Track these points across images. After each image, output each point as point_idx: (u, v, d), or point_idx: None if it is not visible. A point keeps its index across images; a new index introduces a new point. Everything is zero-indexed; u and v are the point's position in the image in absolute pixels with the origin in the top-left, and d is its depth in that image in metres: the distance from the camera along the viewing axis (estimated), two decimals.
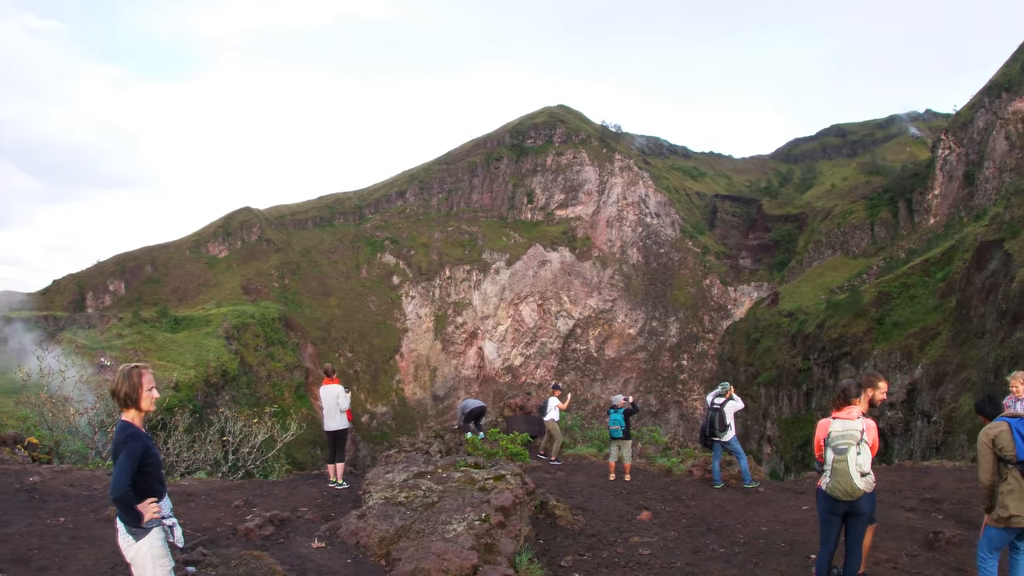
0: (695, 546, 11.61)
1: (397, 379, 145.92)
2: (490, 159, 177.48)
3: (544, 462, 19.22)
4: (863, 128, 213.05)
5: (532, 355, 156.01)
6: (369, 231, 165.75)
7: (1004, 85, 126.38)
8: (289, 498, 13.59)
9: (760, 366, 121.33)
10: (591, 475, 17.59)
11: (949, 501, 14.23)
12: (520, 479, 11.54)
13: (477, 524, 9.51)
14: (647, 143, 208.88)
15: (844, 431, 8.37)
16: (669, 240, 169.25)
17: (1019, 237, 76.80)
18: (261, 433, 19.90)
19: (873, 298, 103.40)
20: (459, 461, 12.63)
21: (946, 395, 72.85)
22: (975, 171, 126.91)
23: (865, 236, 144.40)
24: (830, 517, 8.62)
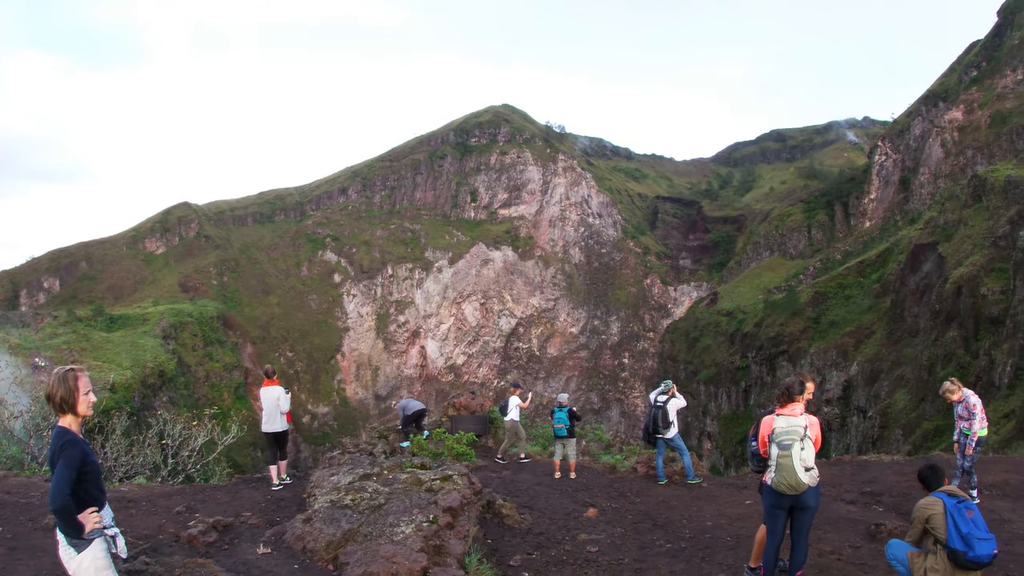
0: (642, 542, 11.69)
1: (338, 379, 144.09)
2: (434, 157, 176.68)
3: (493, 462, 19.19)
4: (802, 134, 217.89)
5: (475, 354, 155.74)
6: (310, 228, 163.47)
7: (941, 95, 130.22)
8: (232, 503, 13.35)
9: (700, 364, 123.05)
10: (536, 474, 17.61)
11: (888, 494, 14.57)
12: (467, 479, 11.47)
13: (425, 526, 9.43)
14: (590, 144, 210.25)
15: (788, 427, 8.45)
16: (611, 240, 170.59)
17: (952, 241, 79.07)
18: (201, 436, 19.49)
19: (810, 298, 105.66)
20: (405, 462, 12.52)
21: (881, 391, 74.75)
22: (911, 177, 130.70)
23: (802, 238, 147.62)
24: (776, 511, 8.74)
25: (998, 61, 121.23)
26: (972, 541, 7.24)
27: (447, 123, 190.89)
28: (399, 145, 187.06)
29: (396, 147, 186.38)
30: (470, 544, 10.00)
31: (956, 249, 76.87)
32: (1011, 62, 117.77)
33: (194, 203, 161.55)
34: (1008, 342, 60.54)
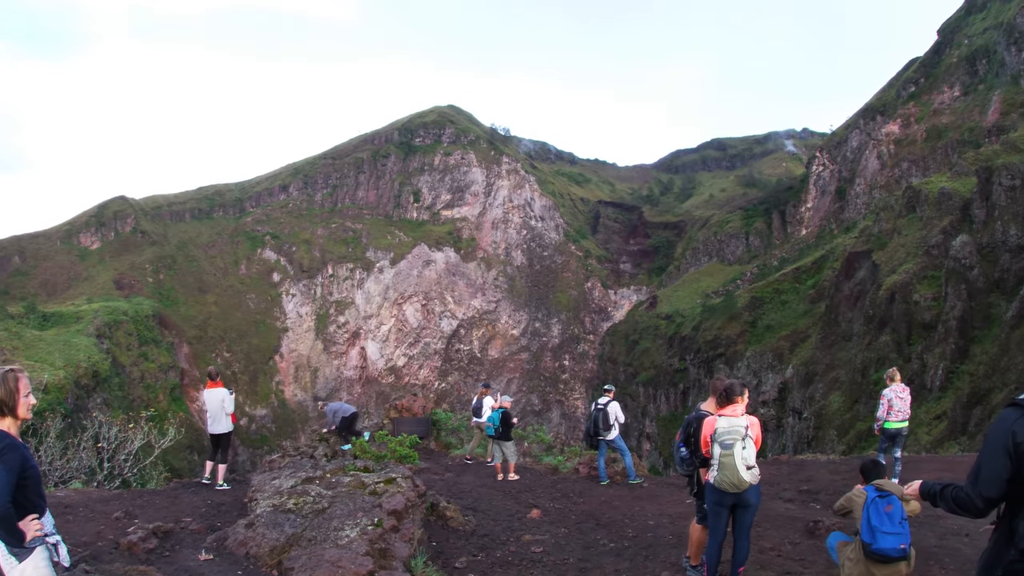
0: (586, 542, 11.78)
1: (277, 380, 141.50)
2: (377, 156, 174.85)
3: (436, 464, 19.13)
4: (742, 143, 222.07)
5: (415, 356, 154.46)
6: (249, 225, 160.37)
7: (879, 109, 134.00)
8: (171, 508, 13.10)
9: (639, 366, 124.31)
10: (480, 475, 17.63)
11: (825, 492, 14.94)
12: (411, 482, 11.41)
13: (370, 529, 9.36)
14: (535, 148, 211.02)
15: (730, 427, 8.60)
16: (553, 243, 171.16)
17: (886, 249, 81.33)
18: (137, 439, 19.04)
19: (747, 303, 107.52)
20: (348, 465, 12.40)
21: (816, 393, 76.37)
22: (846, 187, 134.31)
23: (740, 245, 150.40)
24: (718, 509, 8.88)
25: (936, 78, 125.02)
26: (877, 534, 7.44)
27: (392, 122, 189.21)
28: (343, 143, 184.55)
29: (340, 145, 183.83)
30: (415, 547, 9.95)
31: (890, 257, 79.09)
32: (948, 79, 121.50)
33: (131, 197, 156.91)
34: (940, 347, 62.44)
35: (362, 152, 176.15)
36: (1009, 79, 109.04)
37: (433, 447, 22.13)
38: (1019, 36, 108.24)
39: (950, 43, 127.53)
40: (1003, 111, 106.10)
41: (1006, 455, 3.88)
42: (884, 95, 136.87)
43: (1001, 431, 3.96)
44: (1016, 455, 3.86)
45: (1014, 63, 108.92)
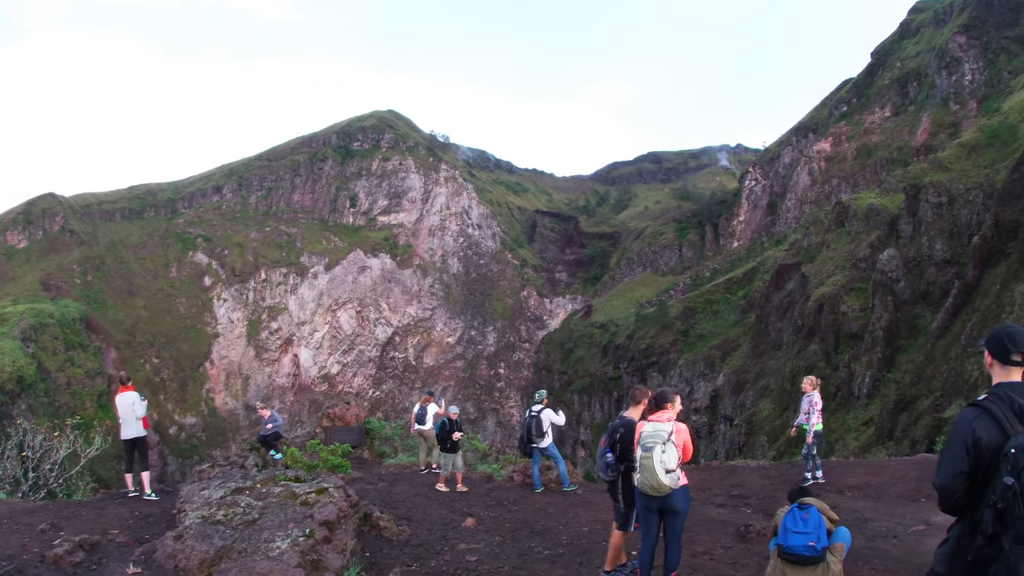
0: (520, 549, 11.77)
1: (207, 387, 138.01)
2: (314, 159, 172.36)
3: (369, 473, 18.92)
4: (678, 157, 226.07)
5: (349, 363, 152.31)
6: (181, 227, 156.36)
7: (811, 127, 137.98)
8: (98, 520, 12.69)
9: (573, 374, 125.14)
10: (414, 484, 17.48)
11: (756, 496, 15.18)
12: (343, 492, 11.26)
13: (302, 540, 9.20)
14: (474, 156, 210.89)
15: (654, 431, 8.72)
16: (489, 252, 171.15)
17: (815, 261, 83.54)
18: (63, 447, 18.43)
19: (679, 312, 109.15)
20: (279, 475, 12.19)
21: (746, 401, 77.86)
22: (778, 201, 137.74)
23: (674, 256, 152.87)
24: (647, 514, 9.03)
25: (868, 98, 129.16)
26: (788, 534, 7.71)
27: (331, 125, 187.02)
28: (279, 144, 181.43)
29: (276, 146, 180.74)
30: (348, 558, 9.82)
31: (819, 269, 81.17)
32: (880, 100, 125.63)
33: (60, 195, 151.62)
34: (866, 355, 64.30)
35: (299, 154, 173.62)
36: (939, 101, 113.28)
37: (367, 456, 21.90)
38: (950, 60, 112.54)
39: (883, 65, 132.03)
40: (932, 131, 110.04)
41: (965, 450, 4.21)
42: (817, 114, 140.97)
43: (962, 429, 4.29)
44: (975, 451, 4.19)
45: (944, 86, 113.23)
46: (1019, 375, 4.48)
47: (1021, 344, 4.44)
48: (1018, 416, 4.22)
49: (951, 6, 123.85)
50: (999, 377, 4.52)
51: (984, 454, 4.16)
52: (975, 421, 4.27)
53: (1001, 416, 4.22)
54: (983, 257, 57.70)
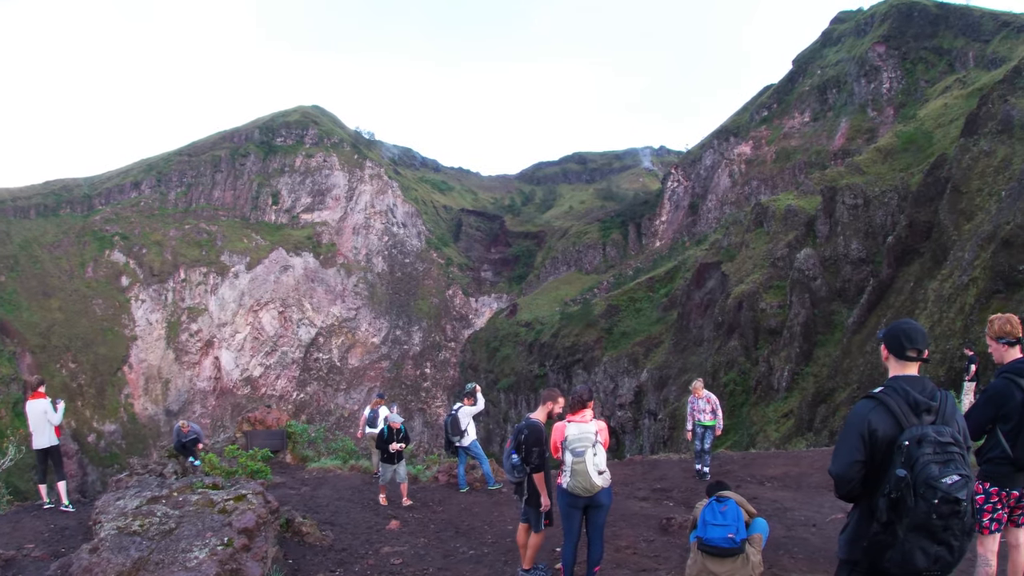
0: (445, 550, 11.73)
1: (126, 393, 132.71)
2: (236, 154, 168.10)
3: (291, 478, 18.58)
4: (603, 158, 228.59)
5: (272, 365, 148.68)
6: (98, 224, 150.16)
7: (733, 130, 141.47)
8: (13, 534, 12.24)
9: (500, 373, 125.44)
10: (337, 488, 17.24)
11: (678, 489, 15.42)
12: (262, 498, 11.02)
13: (220, 549, 8.96)
14: (399, 153, 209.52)
15: (580, 434, 8.77)
16: (414, 250, 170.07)
17: (735, 260, 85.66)
18: None
19: (603, 310, 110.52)
20: (196, 482, 11.86)
21: (669, 396, 79.29)
22: (699, 202, 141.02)
23: (597, 255, 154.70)
24: (571, 511, 9.08)
25: (788, 104, 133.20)
26: (708, 527, 7.90)
27: (253, 120, 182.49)
28: (200, 139, 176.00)
29: (197, 141, 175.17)
30: (269, 566, 9.62)
31: (738, 268, 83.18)
32: (800, 106, 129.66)
33: None
34: (785, 350, 66.15)
35: (220, 150, 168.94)
36: (857, 107, 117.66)
37: (289, 460, 21.51)
38: (869, 69, 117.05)
39: (804, 72, 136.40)
40: (849, 136, 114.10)
41: (861, 440, 4.37)
42: (738, 118, 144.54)
43: (858, 419, 4.45)
44: (870, 440, 4.36)
45: (863, 93, 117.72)
46: (915, 369, 4.64)
47: (916, 340, 4.62)
48: (913, 409, 4.38)
49: (872, 17, 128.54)
50: (895, 371, 4.67)
51: (879, 445, 4.32)
52: (871, 413, 4.42)
53: (896, 409, 4.38)
54: (897, 256, 59.88)
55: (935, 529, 4.09)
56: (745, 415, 65.75)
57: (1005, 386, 6.42)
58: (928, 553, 4.13)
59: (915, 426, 4.31)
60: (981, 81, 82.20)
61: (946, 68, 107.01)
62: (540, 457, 9.47)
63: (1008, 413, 6.37)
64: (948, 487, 4.06)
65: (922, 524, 4.09)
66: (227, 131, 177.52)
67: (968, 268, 45.80)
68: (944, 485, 4.06)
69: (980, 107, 61.00)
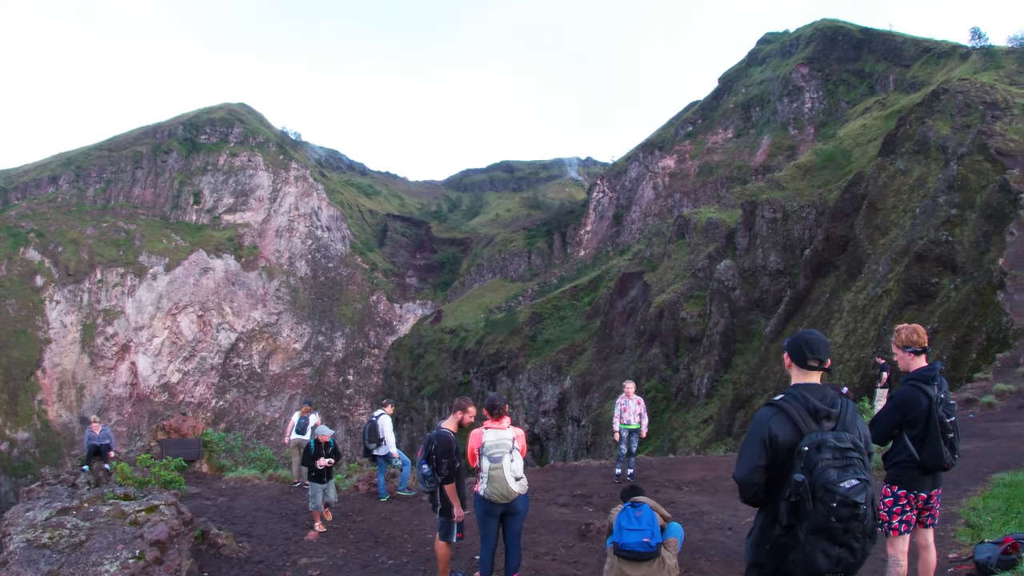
0: (364, 560, 11.65)
1: (39, 399, 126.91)
2: (158, 151, 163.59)
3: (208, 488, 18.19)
4: (530, 167, 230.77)
5: (191, 371, 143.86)
6: (13, 220, 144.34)
7: (658, 144, 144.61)
8: None
9: (424, 380, 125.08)
10: (255, 499, 16.94)
11: (597, 495, 15.56)
12: (175, 508, 10.77)
13: (131, 562, 8.76)
14: (326, 155, 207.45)
15: (498, 440, 8.82)
16: (339, 255, 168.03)
17: (657, 271, 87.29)
18: None
19: (528, 318, 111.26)
20: (107, 493, 11.54)
21: (592, 402, 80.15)
22: (623, 213, 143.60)
23: (523, 263, 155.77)
24: (488, 519, 9.10)
25: (712, 120, 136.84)
26: (623, 532, 8.06)
27: (177, 115, 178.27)
28: (122, 134, 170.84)
29: (118, 135, 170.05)
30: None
31: (660, 278, 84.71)
32: (724, 122, 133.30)
33: None
34: (704, 358, 67.69)
35: (142, 145, 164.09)
36: (779, 125, 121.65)
37: (205, 470, 21.04)
38: (792, 89, 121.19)
39: (729, 90, 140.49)
40: (770, 153, 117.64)
41: (762, 446, 4.49)
42: (664, 132, 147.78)
43: (759, 426, 4.57)
44: (771, 446, 4.47)
45: (785, 112, 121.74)
46: (817, 378, 4.80)
47: (817, 350, 4.77)
48: (812, 416, 4.51)
49: (798, 39, 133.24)
50: (797, 378, 4.82)
51: (780, 451, 4.45)
52: (771, 420, 4.54)
53: (796, 415, 4.50)
54: (814, 268, 61.83)
55: (835, 532, 4.21)
56: (666, 421, 66.89)
57: (912, 393, 6.67)
58: (830, 555, 4.25)
59: (815, 432, 4.43)
60: (900, 103, 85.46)
61: (867, 90, 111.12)
62: (451, 468, 9.41)
63: (915, 419, 6.62)
64: (847, 491, 4.18)
65: (822, 527, 4.21)
66: (150, 126, 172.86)
67: (882, 280, 47.53)
68: (843, 489, 4.18)
69: (898, 128, 63.45)
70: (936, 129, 57.01)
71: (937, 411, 6.58)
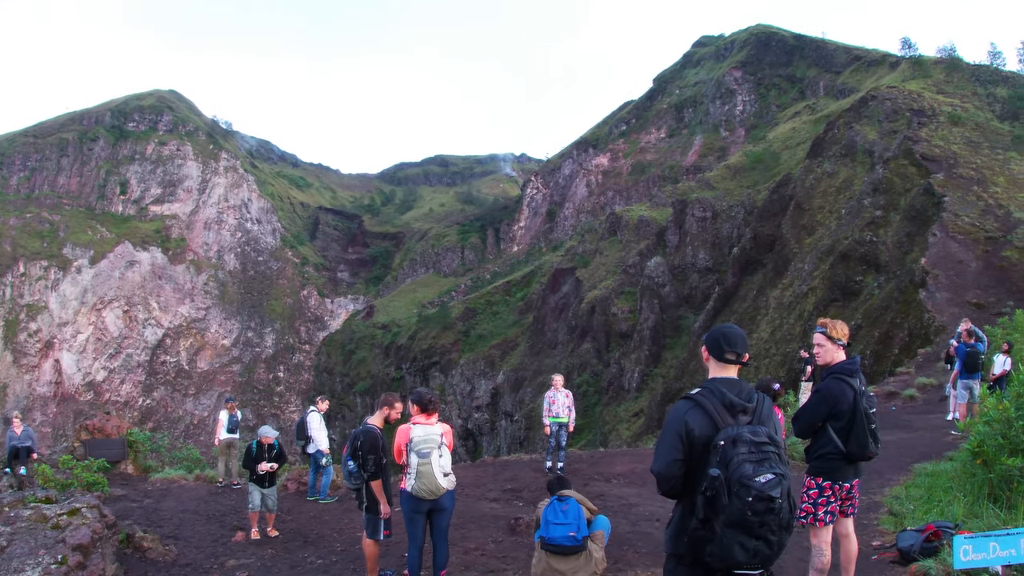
0: (293, 561, 11.59)
1: None
2: (85, 138, 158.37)
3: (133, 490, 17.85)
4: (465, 162, 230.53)
5: (117, 369, 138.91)
6: None
7: (592, 142, 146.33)
8: None
9: (356, 376, 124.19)
10: (182, 500, 16.70)
11: (528, 489, 15.68)
12: (98, 511, 10.59)
13: (54, 568, 8.63)
14: (257, 146, 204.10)
15: (426, 436, 8.84)
16: (269, 248, 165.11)
17: (589, 267, 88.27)
18: None
19: (460, 313, 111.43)
20: (28, 496, 11.31)
21: (525, 397, 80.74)
22: (557, 210, 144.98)
23: (456, 258, 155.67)
24: (415, 516, 9.08)
25: (646, 120, 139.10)
26: (550, 526, 8.11)
27: (106, 101, 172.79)
28: (47, 120, 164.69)
29: (44, 121, 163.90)
30: None
31: (592, 274, 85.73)
32: (657, 122, 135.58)
33: None
34: (635, 353, 68.78)
35: (68, 132, 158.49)
36: (711, 127, 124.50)
37: (131, 471, 20.62)
38: (725, 91, 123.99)
39: (663, 91, 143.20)
40: (702, 153, 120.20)
41: (679, 439, 4.51)
42: (598, 131, 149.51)
43: (675, 420, 4.59)
44: (688, 440, 4.50)
45: (717, 113, 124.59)
46: (734, 372, 4.83)
47: (735, 344, 4.80)
48: (728, 410, 4.56)
49: (733, 43, 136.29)
50: (714, 372, 4.84)
51: (696, 444, 4.48)
52: (687, 413, 4.57)
53: (712, 409, 4.54)
54: (742, 266, 63.24)
55: (751, 525, 4.28)
56: (598, 415, 67.76)
57: (837, 386, 6.84)
58: (746, 548, 4.32)
59: (731, 426, 4.47)
60: (829, 108, 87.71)
61: (797, 95, 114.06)
62: (377, 464, 9.38)
63: (841, 411, 6.79)
64: (762, 485, 4.24)
65: (738, 520, 4.27)
66: (77, 112, 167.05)
67: (808, 278, 48.89)
68: (758, 484, 4.24)
69: (827, 132, 65.27)
70: (863, 134, 58.74)
71: (862, 402, 6.78)
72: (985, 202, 42.86)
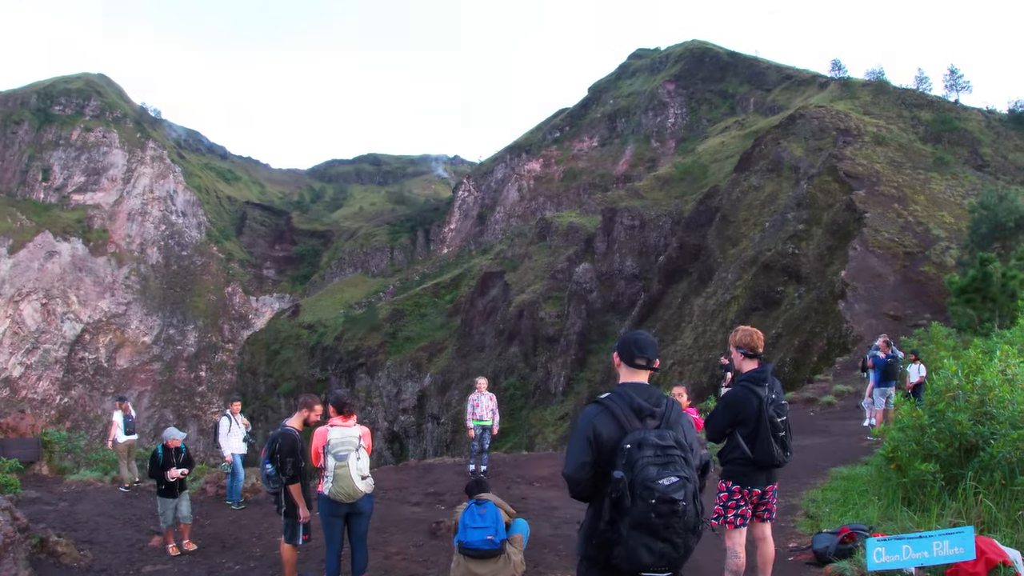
0: (210, 566, 11.48)
1: None
2: (8, 121, 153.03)
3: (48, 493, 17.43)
4: (397, 161, 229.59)
5: (33, 364, 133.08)
6: None
7: (525, 147, 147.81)
8: None
9: (280, 376, 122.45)
10: (98, 503, 16.37)
11: (450, 492, 15.75)
12: (9, 515, 10.36)
13: None
14: (185, 135, 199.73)
15: (343, 438, 8.82)
16: (193, 242, 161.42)
17: (517, 271, 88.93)
18: None
19: (388, 314, 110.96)
20: None
21: (452, 400, 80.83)
22: (487, 213, 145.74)
23: (385, 258, 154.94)
24: (332, 519, 9.07)
25: (579, 128, 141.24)
26: (467, 530, 8.24)
27: (32, 83, 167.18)
28: None
29: None
30: None
31: (520, 278, 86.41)
32: (590, 131, 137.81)
33: None
34: (562, 357, 69.62)
35: None
36: (642, 137, 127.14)
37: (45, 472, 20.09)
38: (658, 104, 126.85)
39: (598, 100, 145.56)
40: (632, 163, 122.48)
41: (588, 443, 4.60)
42: (531, 136, 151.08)
43: (584, 424, 4.69)
44: (596, 443, 4.58)
45: (649, 124, 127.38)
46: (645, 377, 4.96)
47: (645, 350, 4.94)
48: (636, 414, 4.65)
49: (668, 57, 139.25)
50: (625, 377, 4.96)
51: (604, 448, 4.57)
52: (596, 417, 4.66)
53: (620, 413, 4.64)
54: (667, 274, 64.56)
55: (656, 528, 4.35)
56: (524, 418, 68.28)
57: (743, 393, 7.04)
58: (652, 550, 4.39)
59: (637, 430, 4.54)
60: (758, 125, 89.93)
61: (728, 110, 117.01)
62: (295, 467, 9.27)
63: (746, 418, 7.00)
64: (665, 488, 4.31)
65: (642, 523, 4.35)
66: (1, 93, 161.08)
67: (731, 287, 50.17)
68: (661, 487, 4.31)
69: (754, 147, 67.00)
70: (790, 150, 60.48)
71: (768, 411, 6.94)
72: (905, 219, 44.55)
